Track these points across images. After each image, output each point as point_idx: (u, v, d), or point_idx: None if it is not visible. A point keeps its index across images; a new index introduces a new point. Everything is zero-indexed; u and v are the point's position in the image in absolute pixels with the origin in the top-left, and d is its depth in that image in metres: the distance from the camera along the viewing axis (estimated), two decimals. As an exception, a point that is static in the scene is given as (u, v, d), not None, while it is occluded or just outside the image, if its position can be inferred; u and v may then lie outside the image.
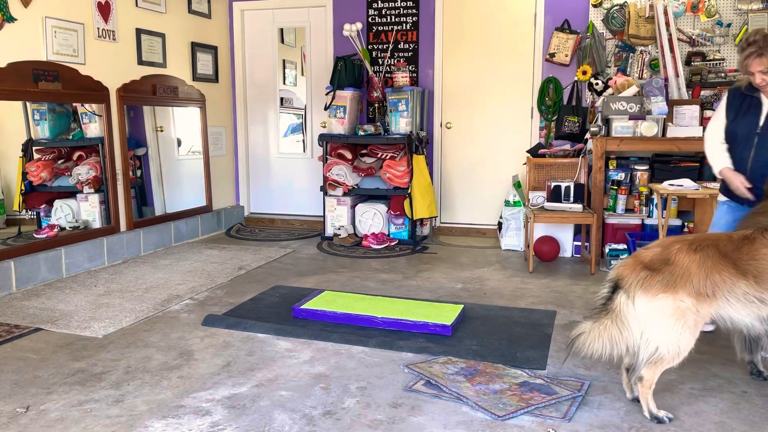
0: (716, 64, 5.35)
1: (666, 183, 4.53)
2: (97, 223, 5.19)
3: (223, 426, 2.44)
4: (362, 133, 5.90)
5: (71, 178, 5.19)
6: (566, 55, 5.72)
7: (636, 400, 2.59)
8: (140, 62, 5.54)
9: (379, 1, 6.27)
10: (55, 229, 4.91)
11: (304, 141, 7.06)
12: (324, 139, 6.02)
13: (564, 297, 4.19)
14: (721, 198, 3.31)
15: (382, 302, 3.89)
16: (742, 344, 2.86)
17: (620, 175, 5.18)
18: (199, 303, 4.05)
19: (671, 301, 2.43)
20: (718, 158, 3.24)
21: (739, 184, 3.09)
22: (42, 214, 5.13)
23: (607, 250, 4.98)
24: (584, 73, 5.62)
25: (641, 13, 5.45)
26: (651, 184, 4.87)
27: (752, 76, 3.04)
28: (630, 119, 5.01)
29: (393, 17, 6.26)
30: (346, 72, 5.97)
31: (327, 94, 6.06)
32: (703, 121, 5.16)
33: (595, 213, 4.84)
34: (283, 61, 7.19)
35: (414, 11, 6.19)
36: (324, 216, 6.10)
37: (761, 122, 3.08)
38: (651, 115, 4.99)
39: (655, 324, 2.44)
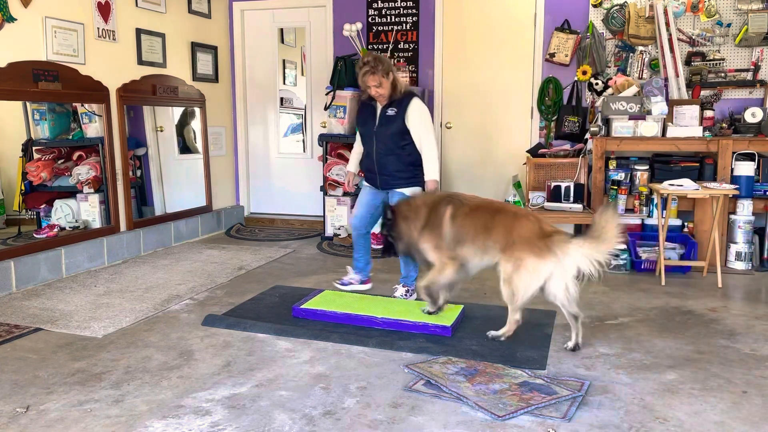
0: (716, 64, 5.35)
1: (666, 183, 4.53)
2: (97, 223, 5.19)
3: (223, 426, 2.44)
4: (362, 133, 5.90)
5: (71, 178, 5.19)
6: (566, 55, 5.72)
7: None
8: (140, 62, 5.54)
9: (379, 1, 6.27)
10: (55, 229, 4.91)
11: (304, 141, 7.06)
12: (324, 139, 6.02)
13: (564, 297, 4.18)
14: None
15: (381, 302, 3.89)
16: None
17: (620, 175, 5.17)
18: (199, 303, 4.05)
19: None
20: (351, 161, 4.35)
21: (346, 183, 4.38)
22: (42, 214, 5.13)
23: (607, 250, 4.97)
24: (584, 73, 5.62)
25: (641, 13, 5.45)
26: (651, 184, 4.87)
27: (369, 89, 3.88)
28: (630, 119, 5.00)
29: (393, 17, 6.26)
30: (346, 72, 5.97)
31: (327, 94, 6.06)
32: (703, 122, 5.16)
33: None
34: (283, 61, 7.20)
35: (414, 11, 6.19)
36: (324, 216, 6.10)
37: (376, 123, 3.96)
38: (651, 115, 4.99)
39: None
